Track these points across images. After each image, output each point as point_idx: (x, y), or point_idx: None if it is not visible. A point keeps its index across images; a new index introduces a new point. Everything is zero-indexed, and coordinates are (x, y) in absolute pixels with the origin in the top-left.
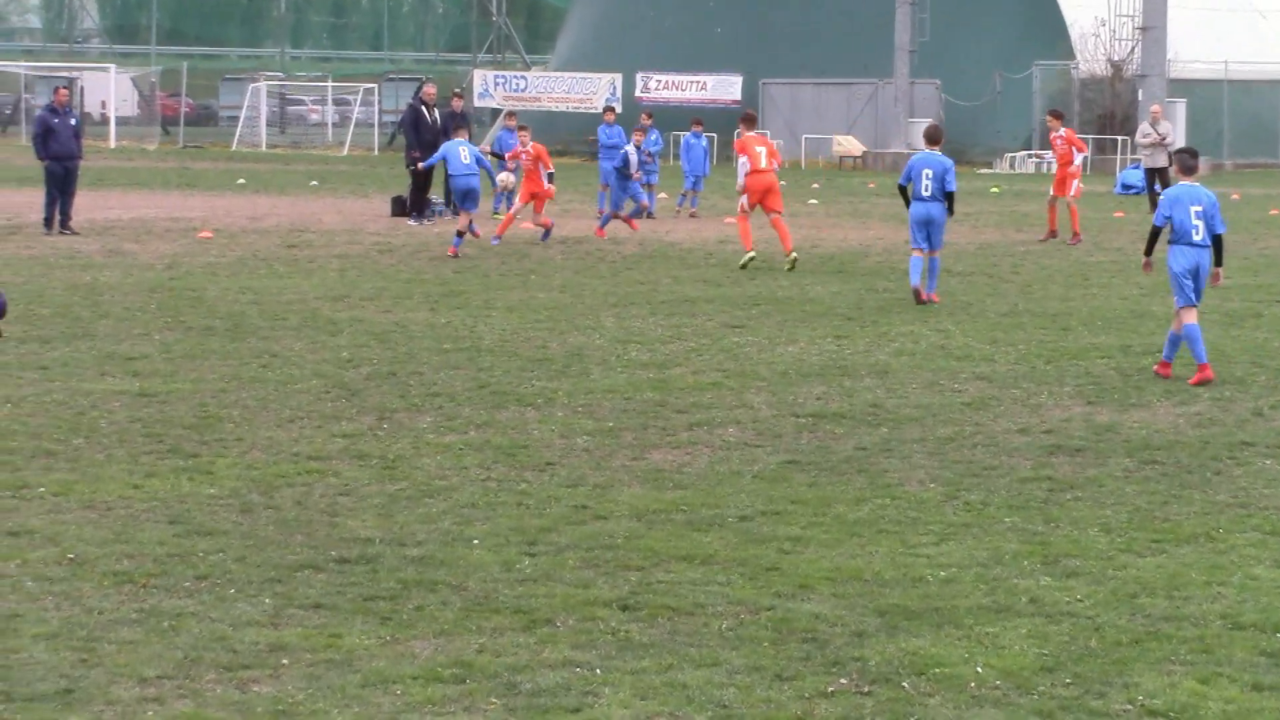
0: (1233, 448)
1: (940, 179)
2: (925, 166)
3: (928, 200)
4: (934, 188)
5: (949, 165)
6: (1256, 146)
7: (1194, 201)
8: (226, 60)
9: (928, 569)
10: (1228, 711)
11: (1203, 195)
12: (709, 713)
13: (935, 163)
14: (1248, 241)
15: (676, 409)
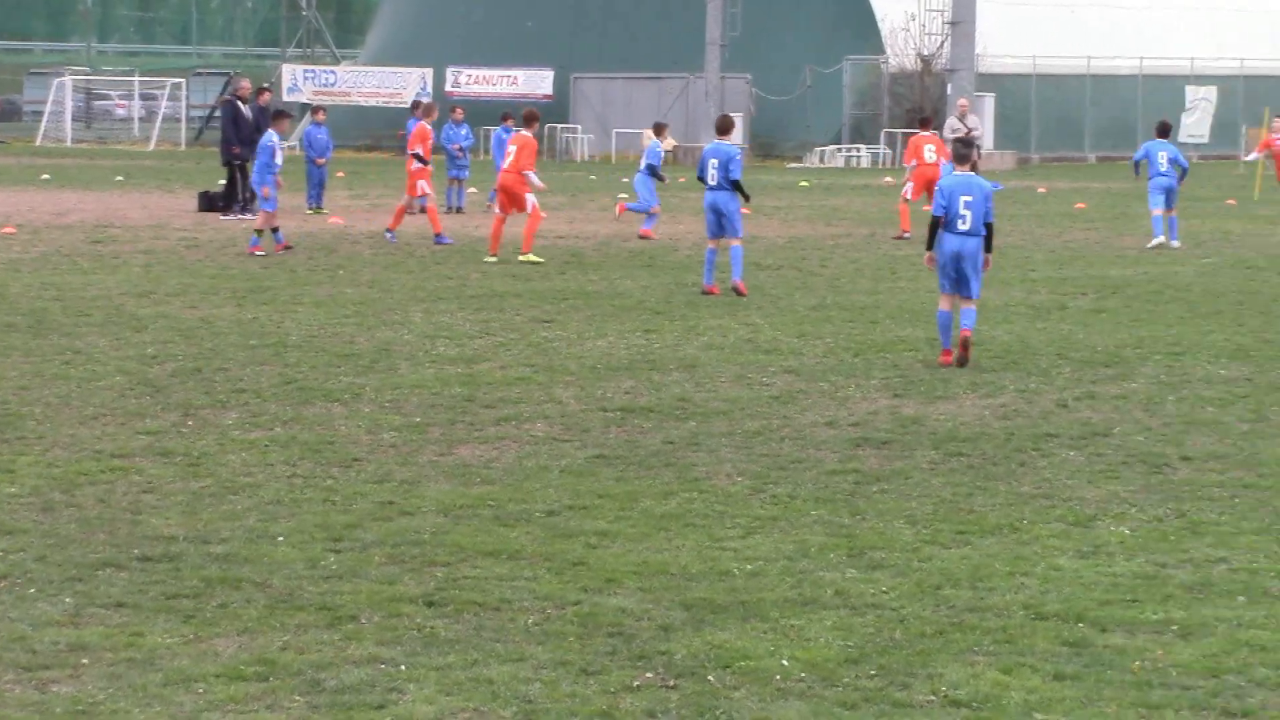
0: (1037, 439)
1: (724, 167)
2: (712, 156)
3: (714, 189)
4: (719, 176)
5: (733, 153)
6: (1063, 140)
7: (965, 191)
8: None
9: (734, 562)
10: (1029, 701)
11: (975, 185)
12: (514, 708)
13: (721, 151)
14: (1053, 235)
15: (484, 404)
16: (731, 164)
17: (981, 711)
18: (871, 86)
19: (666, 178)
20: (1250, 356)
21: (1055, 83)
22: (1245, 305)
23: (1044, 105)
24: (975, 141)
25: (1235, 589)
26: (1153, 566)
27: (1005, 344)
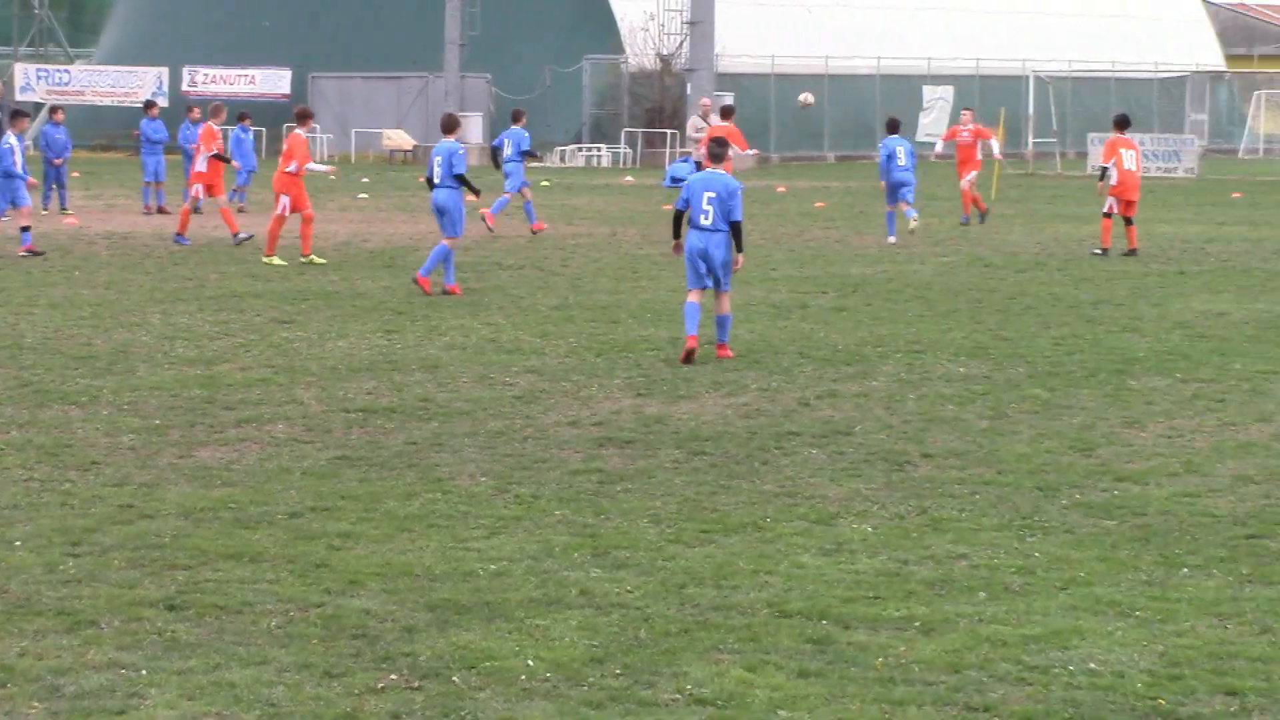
0: (779, 438)
1: (447, 164)
2: (436, 154)
3: (439, 186)
4: (443, 174)
5: (455, 149)
6: (803, 140)
7: (708, 188)
8: None
9: (478, 563)
10: (774, 698)
11: (719, 183)
12: (257, 711)
13: (445, 150)
14: (794, 234)
15: (225, 405)
16: (454, 159)
17: (726, 709)
18: (611, 86)
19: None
20: (989, 354)
21: (794, 82)
22: (983, 303)
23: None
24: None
25: (976, 585)
26: (895, 563)
27: (747, 343)
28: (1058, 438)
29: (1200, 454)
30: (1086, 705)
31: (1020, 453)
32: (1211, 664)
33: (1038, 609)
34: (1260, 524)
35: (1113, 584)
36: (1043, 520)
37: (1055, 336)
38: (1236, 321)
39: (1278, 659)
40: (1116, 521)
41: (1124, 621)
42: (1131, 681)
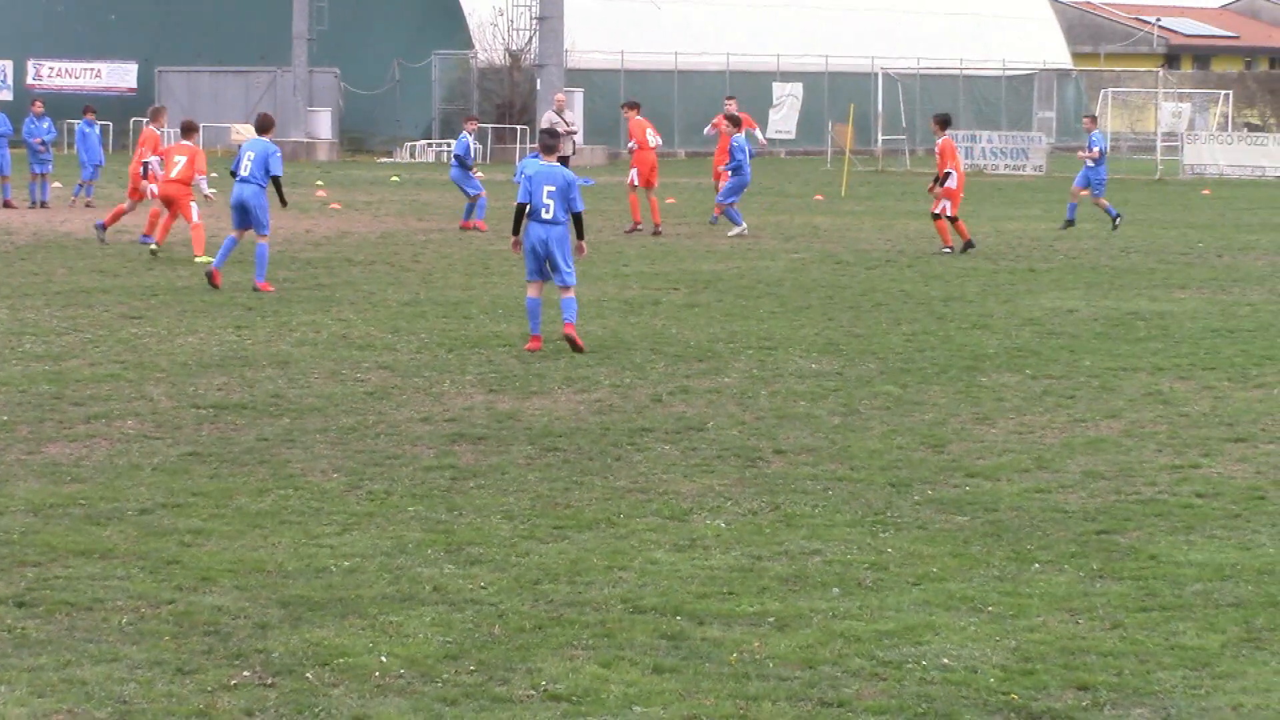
0: (632, 434)
1: (263, 163)
2: (250, 150)
3: (245, 182)
4: (254, 171)
5: (274, 150)
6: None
7: (549, 181)
8: None
9: (331, 559)
10: (629, 694)
11: (559, 176)
12: (108, 709)
13: (260, 148)
14: (644, 230)
15: (73, 401)
16: (272, 160)
17: (581, 705)
18: (461, 81)
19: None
20: (840, 351)
21: (643, 78)
22: (834, 300)
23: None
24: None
25: (829, 580)
26: (748, 559)
27: (599, 339)
28: (909, 434)
29: (1050, 450)
30: (940, 700)
31: (872, 449)
32: (1063, 659)
33: (891, 604)
34: (1110, 520)
35: (965, 579)
36: (895, 516)
37: (906, 333)
38: (1085, 319)
39: (1128, 654)
40: (968, 517)
41: (976, 617)
42: (984, 676)
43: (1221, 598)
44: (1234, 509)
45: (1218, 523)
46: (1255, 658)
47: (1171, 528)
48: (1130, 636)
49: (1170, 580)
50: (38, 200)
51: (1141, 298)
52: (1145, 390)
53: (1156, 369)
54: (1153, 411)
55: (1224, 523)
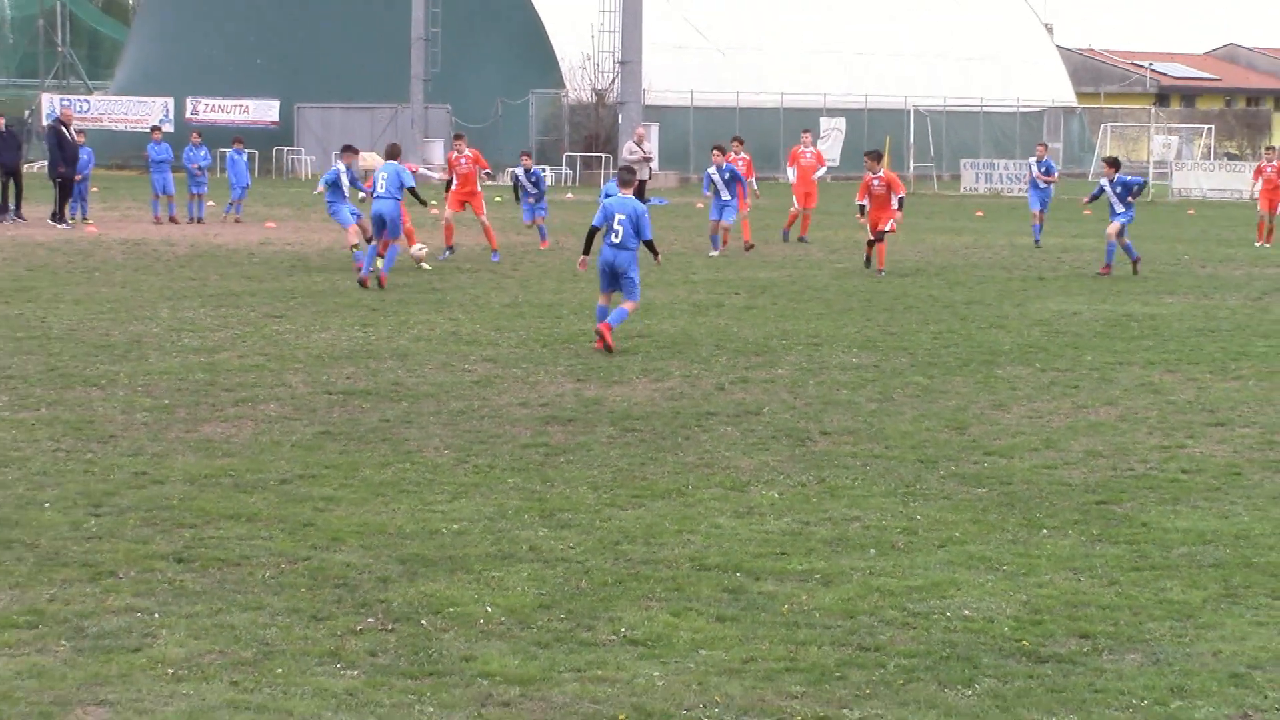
0: (699, 417)
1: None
2: (383, 172)
3: (382, 198)
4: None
5: (402, 169)
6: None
7: (621, 210)
8: None
9: (442, 523)
10: (696, 639)
11: (630, 206)
12: (254, 649)
13: (392, 169)
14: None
15: (224, 388)
16: (403, 175)
17: (655, 649)
18: (554, 116)
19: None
20: (877, 347)
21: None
22: (872, 304)
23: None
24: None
25: (867, 543)
26: (798, 524)
27: (671, 336)
28: (936, 418)
29: (1057, 432)
30: (961, 646)
31: (904, 430)
32: (1067, 611)
33: (919, 564)
34: (1108, 492)
35: (983, 542)
36: (923, 488)
37: (933, 332)
38: (1087, 319)
39: (1123, 607)
40: (986, 489)
41: (993, 574)
42: (1000, 625)
43: (1203, 559)
44: (1214, 483)
45: (1200, 495)
46: (1232, 610)
47: (1161, 499)
48: (1125, 592)
49: (1159, 544)
50: (195, 217)
51: (1135, 302)
52: (1138, 381)
53: (1148, 363)
54: (1145, 400)
55: (1206, 495)
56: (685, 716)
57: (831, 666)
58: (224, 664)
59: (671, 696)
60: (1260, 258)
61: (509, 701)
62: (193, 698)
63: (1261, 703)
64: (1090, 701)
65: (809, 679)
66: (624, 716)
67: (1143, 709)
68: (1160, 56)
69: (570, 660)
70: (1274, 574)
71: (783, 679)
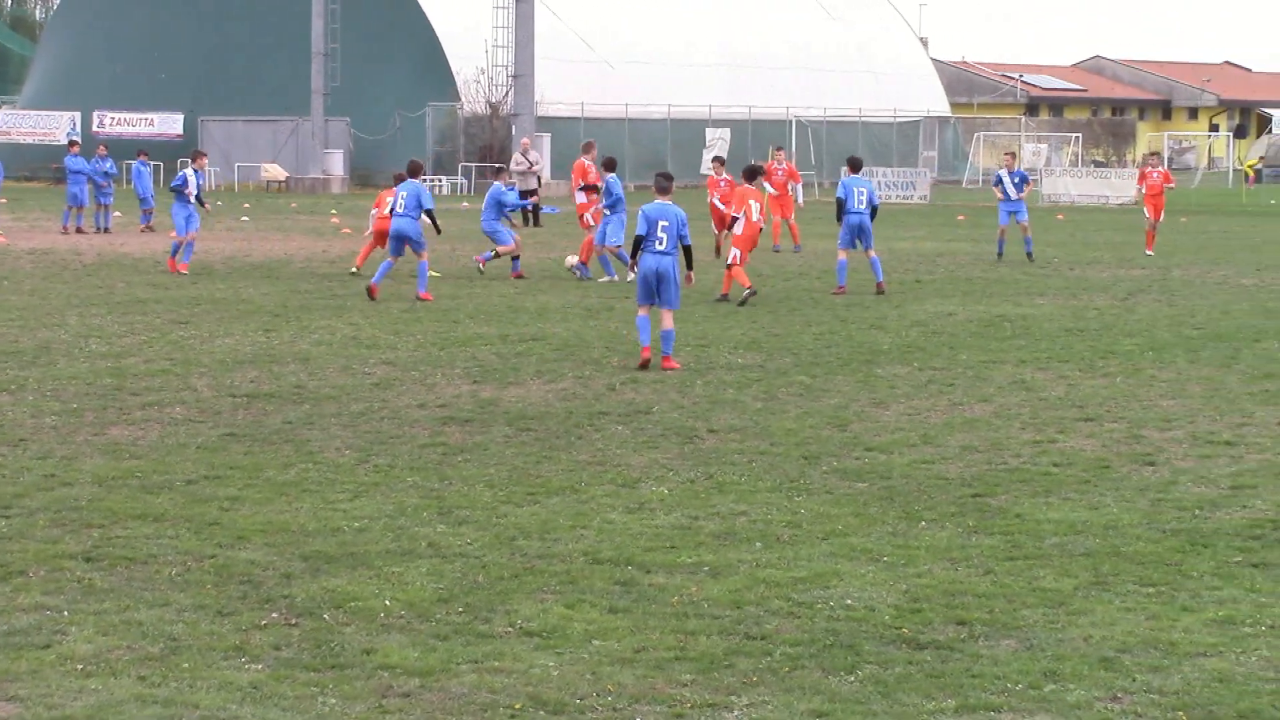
0: (592, 417)
1: (415, 199)
2: (402, 190)
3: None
4: (408, 206)
5: (423, 189)
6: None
7: (663, 217)
8: None
9: (344, 521)
10: (589, 630)
11: (672, 213)
12: (161, 645)
13: (413, 188)
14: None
15: (131, 392)
16: (424, 196)
17: (550, 640)
18: (450, 128)
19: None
20: (761, 348)
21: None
22: (757, 306)
23: None
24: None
25: (754, 536)
26: (687, 519)
27: (564, 339)
28: (818, 416)
29: (934, 428)
30: (844, 634)
31: (788, 428)
32: (945, 600)
33: (804, 555)
34: (983, 485)
35: (864, 535)
36: (807, 483)
37: (816, 333)
38: (962, 320)
39: (998, 595)
40: (867, 484)
41: (874, 565)
42: (881, 614)
43: (1074, 549)
44: (1084, 476)
45: (1071, 487)
46: (1102, 597)
47: (1033, 491)
48: (1000, 581)
49: (1032, 535)
50: (101, 227)
51: (1008, 303)
52: (1011, 379)
53: (1020, 361)
54: (1017, 396)
55: (1076, 487)
56: (579, 705)
57: (720, 655)
58: (131, 659)
59: (566, 686)
60: (1126, 260)
61: (408, 692)
62: (101, 693)
63: (1130, 685)
64: (967, 686)
65: (698, 667)
66: (520, 706)
67: (1017, 693)
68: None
69: (468, 652)
70: (1141, 562)
71: (673, 667)
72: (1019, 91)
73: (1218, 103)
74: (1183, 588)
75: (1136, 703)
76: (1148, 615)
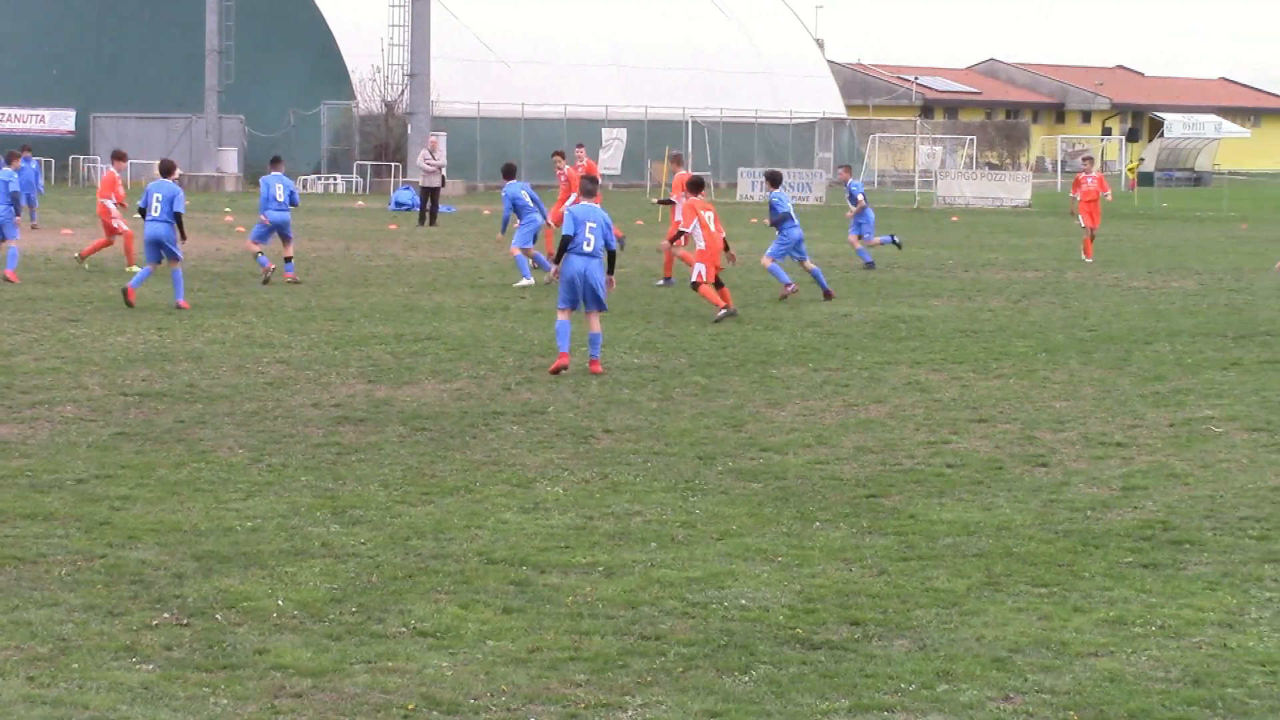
0: (487, 416)
1: (169, 202)
2: (156, 191)
3: (155, 220)
4: (163, 210)
5: (178, 191)
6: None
7: (591, 219)
8: None
9: (237, 520)
10: (483, 630)
11: (599, 214)
12: (50, 645)
13: (166, 189)
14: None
15: (21, 390)
16: (177, 200)
17: (444, 640)
18: (345, 126)
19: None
20: (657, 348)
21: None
22: (652, 307)
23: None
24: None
25: (649, 536)
26: (582, 519)
27: (459, 338)
28: (714, 416)
29: (829, 429)
30: (739, 634)
31: (683, 428)
32: (839, 600)
33: (698, 556)
34: (877, 486)
35: (759, 535)
36: (702, 483)
37: (711, 334)
38: (858, 322)
39: (892, 595)
40: (762, 484)
41: (768, 566)
42: (775, 614)
43: (967, 549)
44: (978, 477)
45: (964, 488)
46: (994, 598)
47: (927, 492)
48: (894, 581)
49: (926, 535)
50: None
51: (903, 305)
52: (906, 380)
53: (915, 363)
54: (912, 397)
55: (969, 488)
56: (473, 705)
57: (614, 655)
58: (20, 660)
59: (460, 686)
60: (1020, 262)
61: (301, 693)
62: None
63: (1022, 685)
64: (861, 686)
65: (592, 668)
66: (413, 706)
67: (911, 692)
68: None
69: (361, 652)
70: (1033, 563)
71: (567, 668)
72: (914, 94)
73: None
74: (1074, 588)
75: (1028, 703)
76: (1040, 615)
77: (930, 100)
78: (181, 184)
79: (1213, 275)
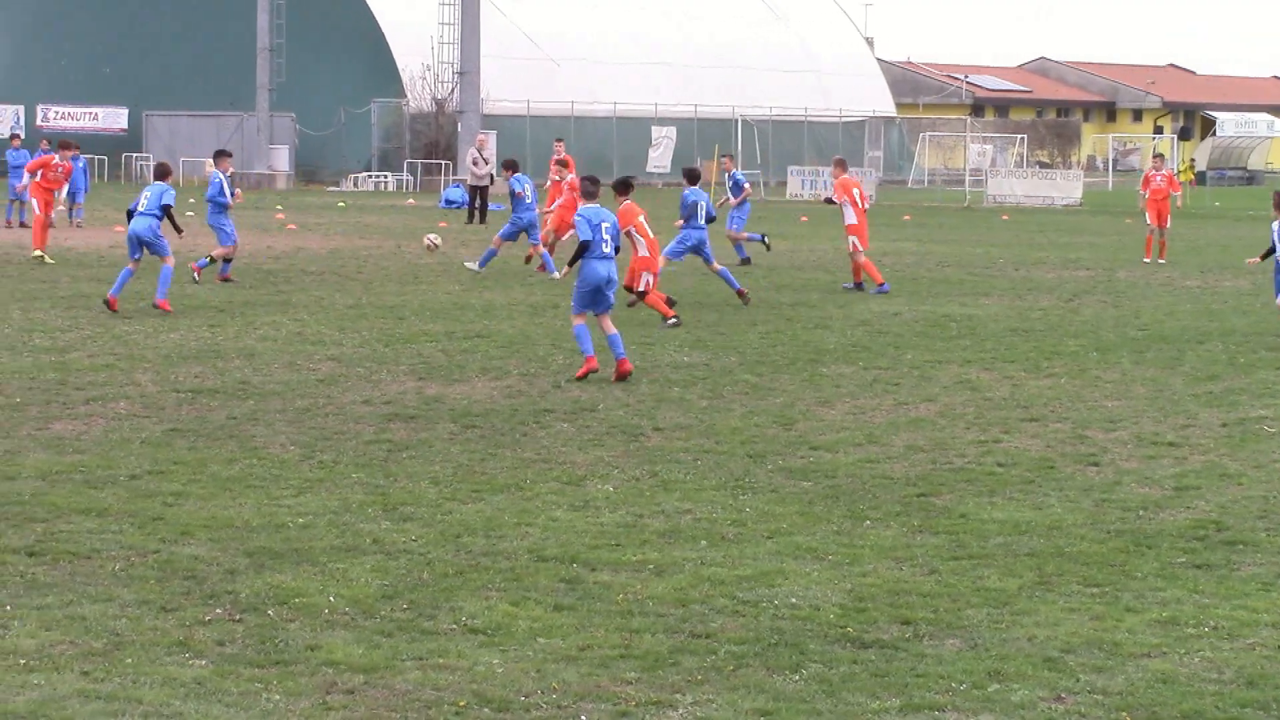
0: (537, 414)
1: (158, 198)
2: (148, 191)
3: (142, 215)
4: (150, 205)
5: (167, 189)
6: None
7: (603, 219)
8: None
9: (289, 517)
10: (533, 628)
11: (607, 214)
12: (104, 640)
13: (157, 188)
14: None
15: (75, 387)
16: (166, 195)
17: (495, 637)
18: (395, 124)
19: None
20: (707, 347)
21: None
22: (702, 304)
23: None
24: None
25: (699, 534)
26: (632, 517)
27: (510, 336)
28: (764, 414)
29: (879, 428)
30: (789, 633)
31: (734, 426)
32: (890, 599)
33: (749, 554)
34: (928, 485)
35: (809, 534)
36: (752, 482)
37: (761, 332)
38: (908, 320)
39: (943, 594)
40: (812, 483)
41: (819, 564)
42: (825, 613)
43: (1019, 549)
44: (1028, 476)
45: (1015, 487)
46: (1046, 597)
47: (978, 491)
48: (944, 580)
49: (977, 534)
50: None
51: (953, 303)
52: (956, 379)
53: (965, 361)
54: (962, 396)
55: (1020, 487)
56: (524, 703)
57: (664, 653)
58: (75, 654)
59: (511, 683)
60: (1071, 261)
61: (353, 689)
62: (44, 687)
63: (1074, 685)
64: (912, 685)
65: (643, 665)
66: (464, 703)
67: (961, 692)
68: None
69: (412, 649)
70: (1085, 562)
71: (618, 665)
72: (964, 92)
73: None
74: (1126, 588)
75: (1080, 703)
76: (1092, 616)
77: (980, 99)
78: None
79: (1266, 275)
